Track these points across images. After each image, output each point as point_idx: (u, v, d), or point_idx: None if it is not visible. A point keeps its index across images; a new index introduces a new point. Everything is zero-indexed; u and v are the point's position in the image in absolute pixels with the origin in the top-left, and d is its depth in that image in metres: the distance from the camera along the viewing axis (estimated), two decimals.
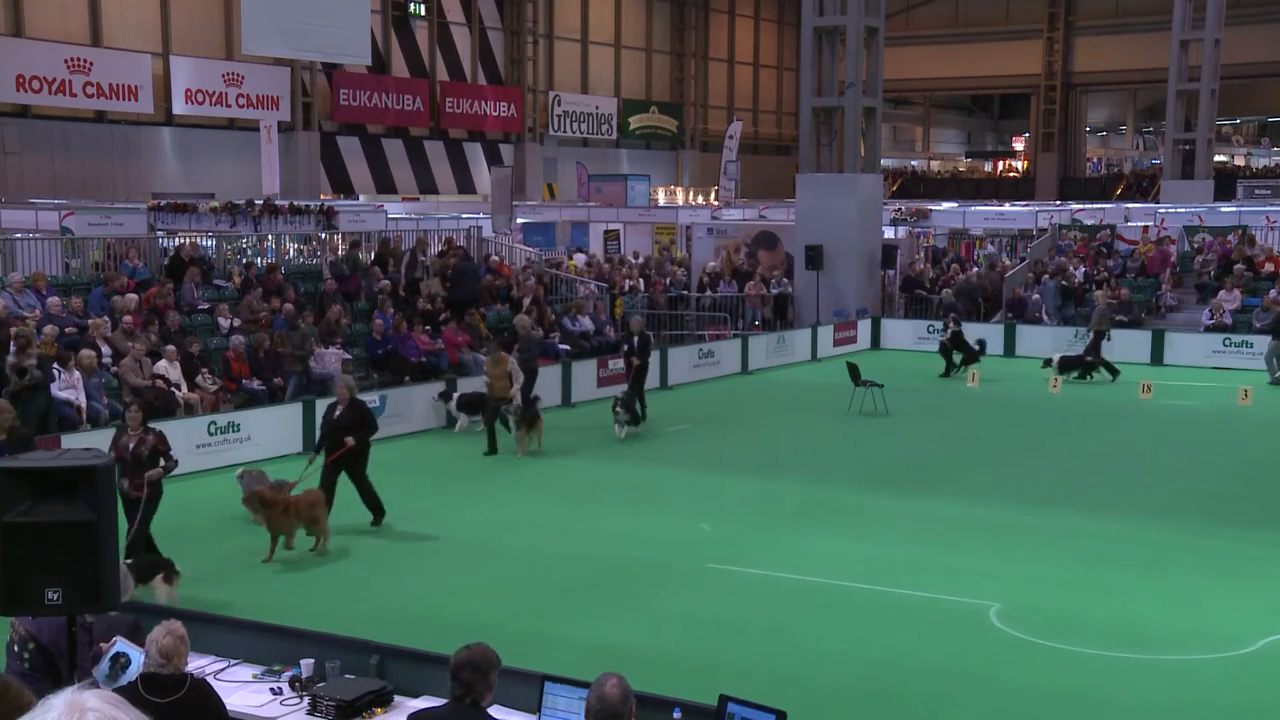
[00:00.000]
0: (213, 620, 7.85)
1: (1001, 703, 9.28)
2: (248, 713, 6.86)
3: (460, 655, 5.64)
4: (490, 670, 5.60)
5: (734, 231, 33.45)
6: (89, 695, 2.42)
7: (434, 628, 10.18)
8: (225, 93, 38.37)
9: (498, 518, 14.34)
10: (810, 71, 30.44)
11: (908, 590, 11.60)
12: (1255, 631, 10.49)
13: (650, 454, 18.06)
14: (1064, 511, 14.54)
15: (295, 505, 12.82)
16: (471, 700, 5.56)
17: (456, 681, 5.58)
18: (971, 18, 62.51)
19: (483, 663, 5.59)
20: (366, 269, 24.37)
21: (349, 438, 13.51)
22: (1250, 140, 72.32)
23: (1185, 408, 21.77)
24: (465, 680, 5.55)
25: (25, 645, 6.61)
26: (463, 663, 5.59)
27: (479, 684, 5.56)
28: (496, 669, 5.65)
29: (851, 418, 20.73)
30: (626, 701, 5.34)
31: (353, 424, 13.62)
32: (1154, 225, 32.78)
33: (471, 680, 5.55)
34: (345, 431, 13.56)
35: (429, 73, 45.86)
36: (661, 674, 8.68)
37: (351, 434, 13.55)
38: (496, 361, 18.29)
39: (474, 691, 5.55)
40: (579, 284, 28.22)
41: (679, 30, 56.85)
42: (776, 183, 54.10)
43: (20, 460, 6.00)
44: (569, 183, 50.40)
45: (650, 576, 12.17)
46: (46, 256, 21.36)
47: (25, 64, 33.46)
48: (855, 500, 15.13)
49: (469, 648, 5.67)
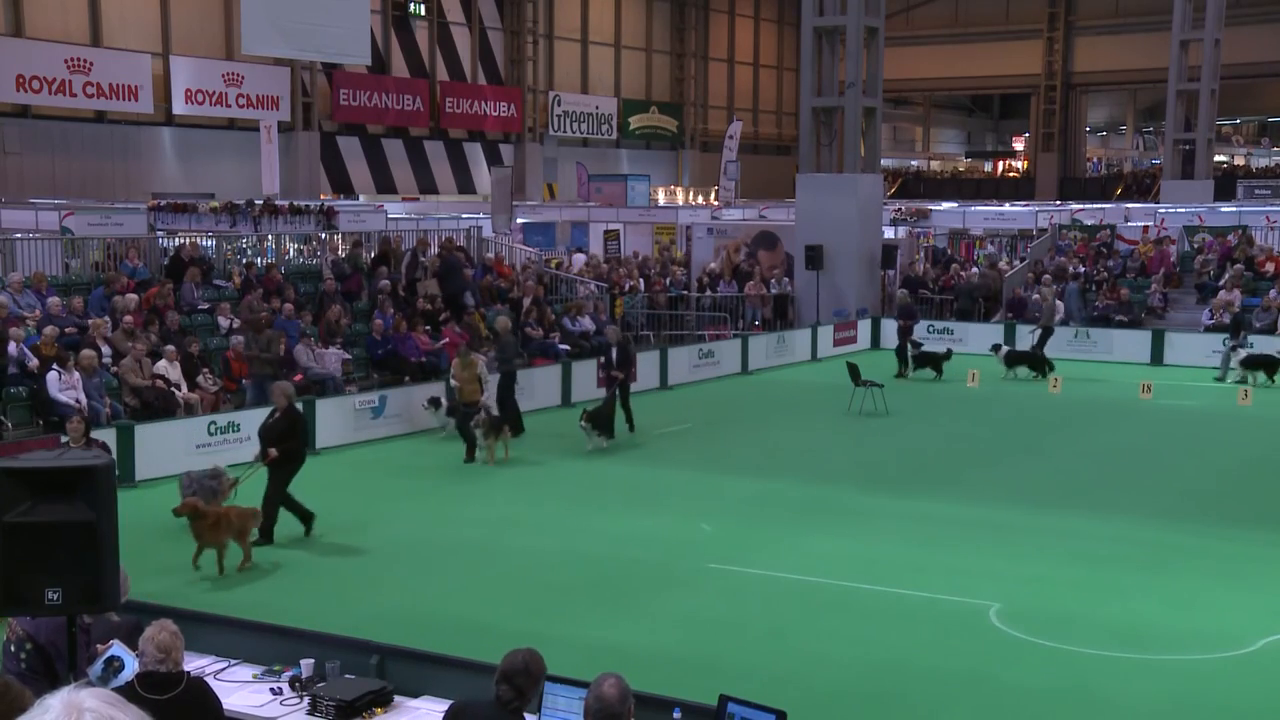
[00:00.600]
0: (213, 620, 7.85)
1: (1001, 703, 9.28)
2: (248, 713, 6.86)
3: (515, 660, 5.54)
4: (542, 677, 5.57)
5: (734, 231, 33.45)
6: (86, 695, 2.41)
7: (434, 628, 10.18)
8: (225, 93, 38.37)
9: (498, 518, 14.34)
10: (810, 71, 30.44)
11: (908, 590, 11.60)
12: (1255, 631, 10.49)
13: (650, 454, 18.05)
14: (1064, 511, 14.54)
15: (226, 517, 12.28)
16: (516, 706, 5.49)
17: (510, 685, 5.48)
18: (971, 18, 62.49)
19: (538, 672, 5.55)
20: (368, 269, 24.37)
21: (272, 449, 13.04)
22: (1250, 140, 72.29)
23: (1185, 408, 21.77)
24: (519, 686, 5.48)
25: (23, 645, 6.61)
26: (517, 669, 5.51)
27: (530, 690, 5.49)
28: (545, 675, 5.61)
29: (851, 418, 20.72)
30: (625, 701, 5.34)
31: (283, 433, 13.14)
32: (1154, 225, 32.78)
33: (524, 686, 5.48)
34: (273, 439, 13.11)
35: (429, 73, 45.86)
36: (661, 674, 8.68)
37: (278, 444, 13.06)
38: (465, 364, 17.55)
39: (524, 697, 5.48)
40: (579, 284, 28.21)
41: (679, 30, 56.84)
42: (776, 183, 54.08)
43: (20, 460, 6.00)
44: (569, 183, 50.38)
45: (650, 576, 12.17)
46: (46, 256, 21.36)
47: (25, 64, 33.45)
48: (855, 500, 15.13)
49: (522, 653, 5.57)
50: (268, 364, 18.46)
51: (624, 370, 19.26)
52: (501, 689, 5.53)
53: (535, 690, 5.54)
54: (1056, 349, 25.47)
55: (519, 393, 19.07)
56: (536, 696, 5.57)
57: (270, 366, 18.49)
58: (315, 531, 13.39)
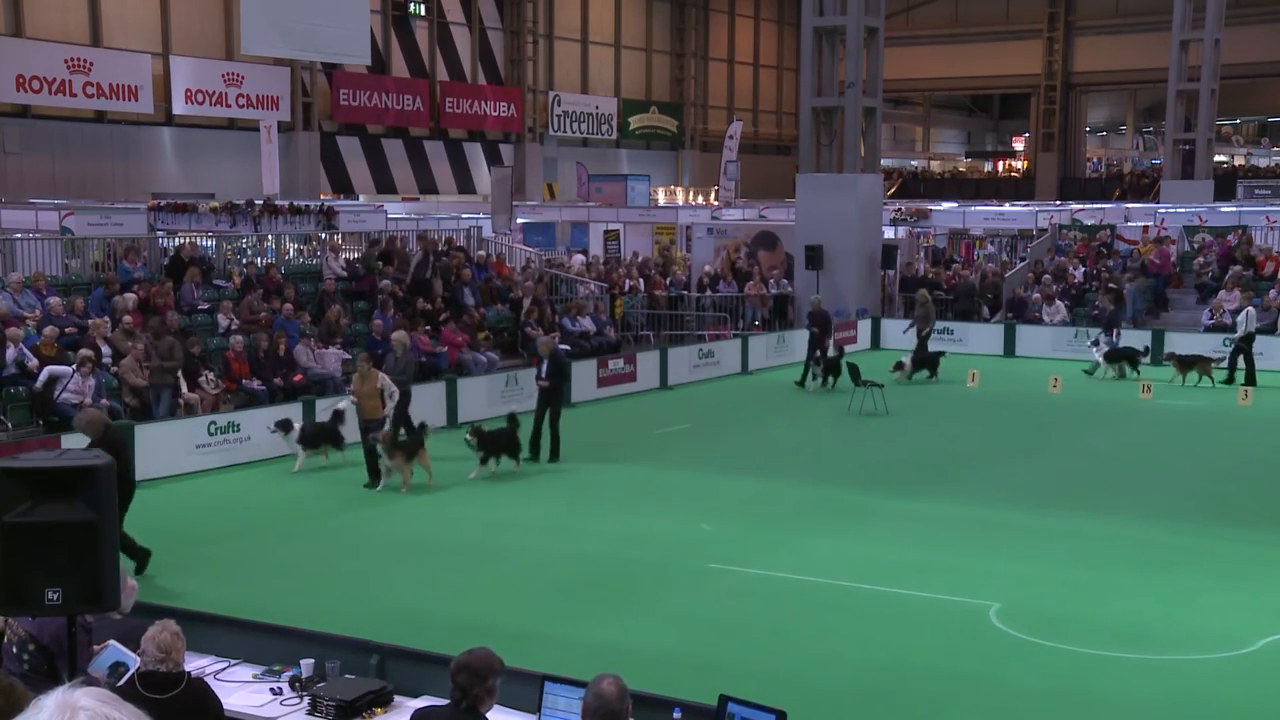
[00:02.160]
0: (213, 620, 7.84)
1: (1001, 703, 9.27)
2: (248, 713, 6.86)
3: (460, 658, 5.63)
4: (488, 675, 5.56)
5: (734, 231, 33.45)
6: (81, 694, 2.40)
7: (434, 628, 10.18)
8: (225, 93, 38.37)
9: (498, 518, 14.34)
10: (810, 71, 30.44)
11: (908, 590, 11.59)
12: (1255, 631, 10.49)
13: (650, 454, 18.05)
14: (1064, 511, 14.54)
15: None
16: (468, 704, 5.54)
17: (454, 684, 5.58)
18: (971, 18, 62.49)
19: (481, 667, 5.56)
20: (380, 269, 24.36)
21: None
22: (1250, 140, 72.29)
23: (1185, 408, 21.77)
24: (461, 684, 5.54)
25: (25, 647, 6.61)
26: (460, 666, 5.59)
27: (474, 688, 5.53)
28: (497, 675, 5.60)
29: (851, 418, 20.72)
30: (623, 700, 5.35)
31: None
32: (1154, 225, 32.79)
33: (467, 684, 5.53)
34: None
35: (429, 73, 45.85)
36: (661, 674, 8.68)
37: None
38: (365, 377, 16.00)
39: (469, 695, 5.53)
40: (579, 284, 28.22)
41: (679, 30, 56.84)
42: (776, 183, 54.09)
43: (20, 460, 6.00)
44: (569, 183, 50.38)
45: (650, 576, 12.17)
46: (46, 256, 21.37)
47: (25, 64, 33.45)
48: (855, 500, 15.13)
49: (470, 652, 5.65)
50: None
51: (553, 383, 17.32)
52: (451, 687, 5.60)
53: (483, 688, 5.53)
54: (1055, 348, 25.43)
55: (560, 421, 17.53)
56: (489, 694, 5.56)
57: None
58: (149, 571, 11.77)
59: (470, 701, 5.54)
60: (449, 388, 19.92)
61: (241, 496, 15.37)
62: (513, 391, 20.74)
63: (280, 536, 13.57)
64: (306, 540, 13.39)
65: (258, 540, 13.22)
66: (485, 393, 20.55)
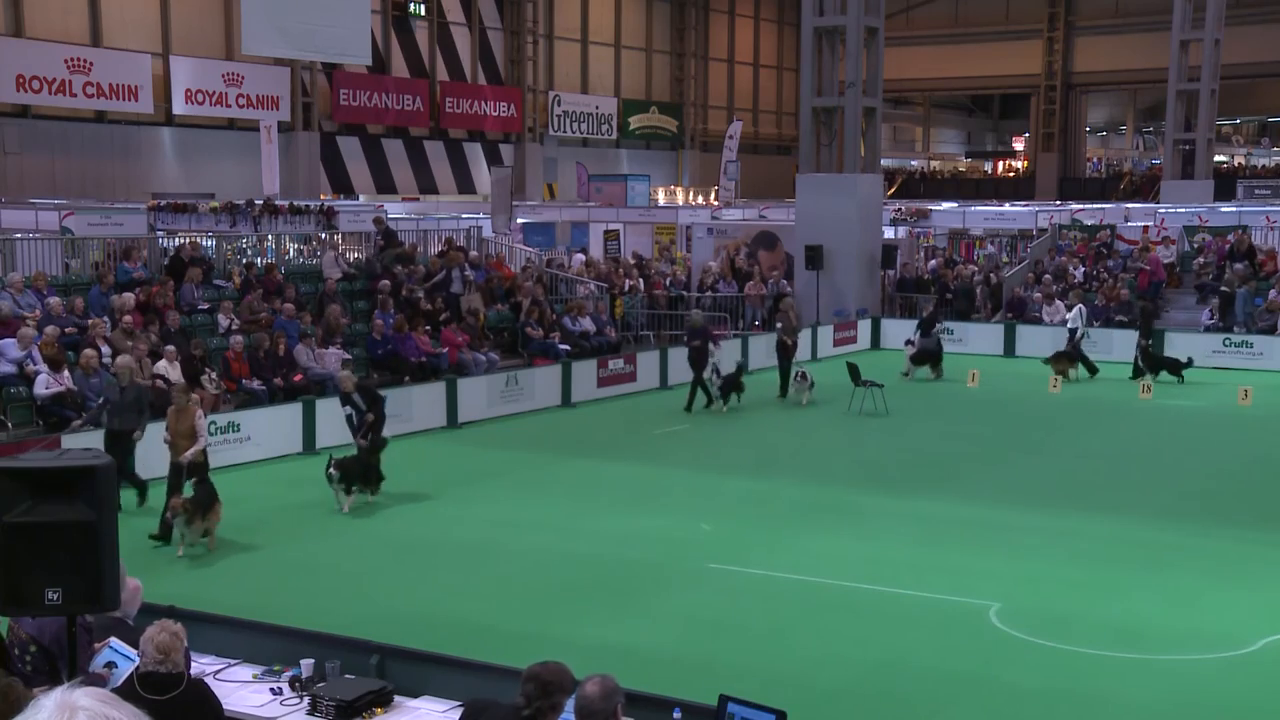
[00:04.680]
0: (213, 620, 7.85)
1: (1001, 703, 9.28)
2: (248, 713, 6.86)
3: (533, 667, 5.51)
4: (555, 692, 5.42)
5: (734, 231, 33.45)
6: (80, 694, 2.40)
7: (434, 628, 10.18)
8: (225, 93, 38.37)
9: (498, 518, 14.33)
10: (810, 71, 30.44)
11: (908, 590, 11.60)
12: (1255, 631, 10.49)
13: (650, 454, 18.05)
14: (1064, 511, 14.54)
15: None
16: (530, 715, 5.43)
17: (522, 692, 5.46)
18: (971, 18, 62.47)
19: (550, 681, 5.44)
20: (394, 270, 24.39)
21: None
22: (1250, 140, 72.26)
23: (1185, 408, 21.77)
24: (527, 693, 5.43)
25: (26, 648, 6.60)
26: (530, 675, 5.47)
27: (539, 701, 5.41)
28: (566, 694, 5.44)
29: (851, 418, 20.72)
30: (608, 699, 5.28)
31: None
32: (1154, 225, 32.77)
33: (532, 694, 5.42)
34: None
35: (429, 73, 45.85)
36: (661, 674, 8.69)
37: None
38: (180, 413, 13.54)
39: (531, 706, 5.42)
40: (579, 284, 28.22)
41: (679, 30, 56.83)
42: (776, 183, 54.09)
43: (20, 460, 6.00)
44: (569, 183, 50.38)
45: (650, 576, 12.17)
46: (46, 256, 21.37)
47: (25, 64, 33.45)
48: (855, 500, 15.13)
49: (544, 663, 5.53)
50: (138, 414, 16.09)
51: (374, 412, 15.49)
52: (519, 695, 5.49)
53: (548, 703, 5.41)
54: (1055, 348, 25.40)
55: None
56: (553, 710, 5.45)
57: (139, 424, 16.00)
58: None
59: (533, 713, 5.41)
60: (449, 388, 19.91)
61: (241, 496, 15.35)
62: (513, 391, 20.75)
63: (280, 537, 13.57)
64: (306, 540, 13.39)
65: (258, 540, 13.22)
66: (485, 393, 20.54)
